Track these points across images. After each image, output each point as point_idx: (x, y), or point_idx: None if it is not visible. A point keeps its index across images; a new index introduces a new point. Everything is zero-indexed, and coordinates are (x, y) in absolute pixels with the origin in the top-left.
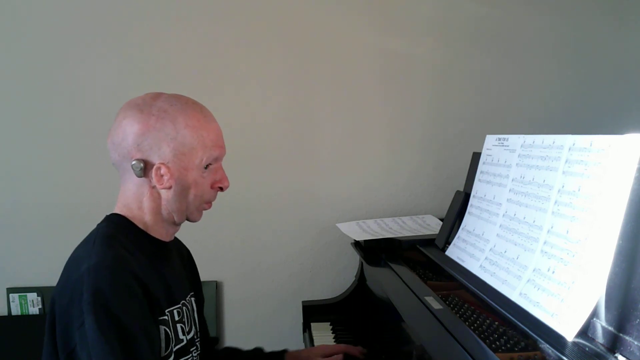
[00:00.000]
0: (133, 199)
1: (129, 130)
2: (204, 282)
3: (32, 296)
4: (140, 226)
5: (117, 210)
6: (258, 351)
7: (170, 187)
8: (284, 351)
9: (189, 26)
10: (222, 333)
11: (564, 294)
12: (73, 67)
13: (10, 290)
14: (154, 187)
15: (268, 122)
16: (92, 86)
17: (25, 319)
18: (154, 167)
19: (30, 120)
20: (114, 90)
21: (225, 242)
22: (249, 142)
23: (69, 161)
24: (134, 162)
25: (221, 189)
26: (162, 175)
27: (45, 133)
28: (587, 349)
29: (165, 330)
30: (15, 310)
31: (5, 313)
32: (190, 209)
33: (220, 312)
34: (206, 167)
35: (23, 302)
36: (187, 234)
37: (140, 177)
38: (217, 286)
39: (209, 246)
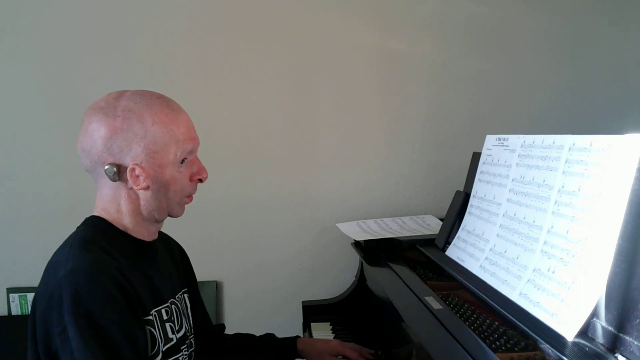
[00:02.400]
0: (110, 203)
1: (96, 135)
2: (204, 281)
3: (32, 296)
4: (120, 228)
5: (95, 213)
6: (270, 336)
7: (147, 187)
8: (296, 337)
9: (188, 27)
10: None
11: (564, 294)
12: (72, 65)
13: (10, 290)
14: (130, 188)
15: (267, 121)
16: (95, 84)
17: (25, 319)
18: (128, 169)
19: (31, 119)
20: (117, 88)
21: (225, 242)
22: (249, 141)
23: (70, 161)
24: (106, 167)
25: (200, 180)
26: (137, 176)
27: (45, 133)
28: (587, 349)
29: (150, 330)
30: (15, 310)
31: (5, 313)
32: (172, 205)
33: (220, 312)
34: (182, 161)
35: (23, 302)
36: (187, 234)
37: (115, 181)
38: (217, 286)
39: (209, 246)
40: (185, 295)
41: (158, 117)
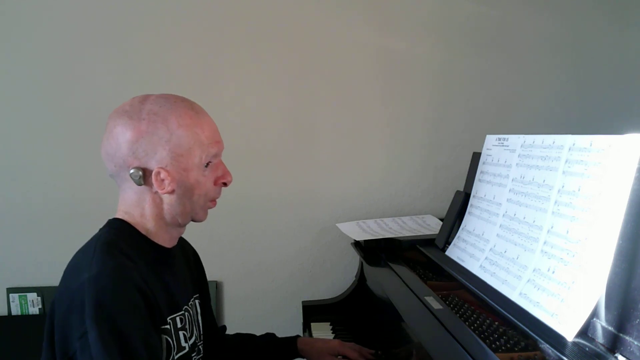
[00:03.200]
0: (134, 207)
1: (121, 138)
2: None
3: (32, 296)
4: (143, 232)
5: (118, 216)
6: (270, 336)
7: (172, 191)
8: (296, 337)
9: (189, 27)
10: None
11: (564, 294)
12: (77, 66)
13: (10, 290)
14: (155, 192)
15: (268, 121)
16: (95, 84)
17: (25, 319)
18: (153, 172)
19: (32, 119)
20: (118, 89)
21: (225, 242)
22: (249, 142)
23: (70, 161)
24: (132, 171)
25: (225, 184)
26: (162, 180)
27: (45, 132)
28: (587, 349)
29: (166, 339)
30: (15, 310)
31: (5, 313)
32: (196, 210)
33: (220, 312)
34: (206, 165)
35: (23, 302)
36: (187, 233)
37: (141, 185)
38: (217, 286)
39: (209, 246)
40: (197, 302)
41: (183, 120)
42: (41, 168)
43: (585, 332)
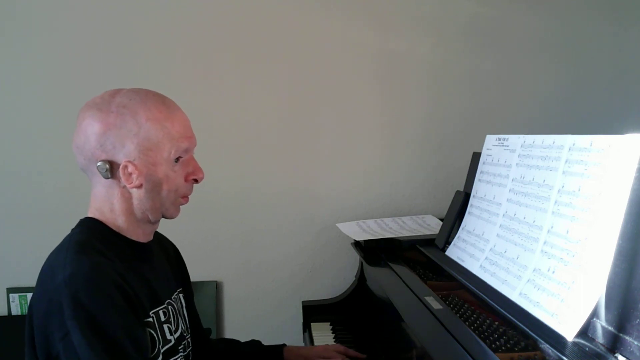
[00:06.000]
0: (104, 202)
1: (89, 131)
2: (204, 281)
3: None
4: (114, 229)
5: (89, 214)
6: (256, 343)
7: (140, 186)
8: (283, 345)
9: (190, 27)
10: (222, 333)
11: (564, 294)
12: (76, 65)
13: (10, 290)
14: (124, 187)
15: (268, 120)
16: (95, 84)
17: (25, 319)
18: (120, 166)
19: (30, 118)
20: (115, 87)
21: (225, 242)
22: (248, 141)
23: (71, 161)
24: (99, 164)
25: (196, 181)
26: (130, 174)
27: (46, 132)
28: (587, 349)
29: (150, 332)
30: (15, 310)
31: (5, 313)
32: (166, 205)
33: (220, 312)
34: (177, 160)
35: (23, 302)
36: (187, 233)
37: (108, 178)
38: (217, 286)
39: (208, 246)
40: (181, 295)
41: (152, 114)
42: (42, 168)
43: (585, 332)
